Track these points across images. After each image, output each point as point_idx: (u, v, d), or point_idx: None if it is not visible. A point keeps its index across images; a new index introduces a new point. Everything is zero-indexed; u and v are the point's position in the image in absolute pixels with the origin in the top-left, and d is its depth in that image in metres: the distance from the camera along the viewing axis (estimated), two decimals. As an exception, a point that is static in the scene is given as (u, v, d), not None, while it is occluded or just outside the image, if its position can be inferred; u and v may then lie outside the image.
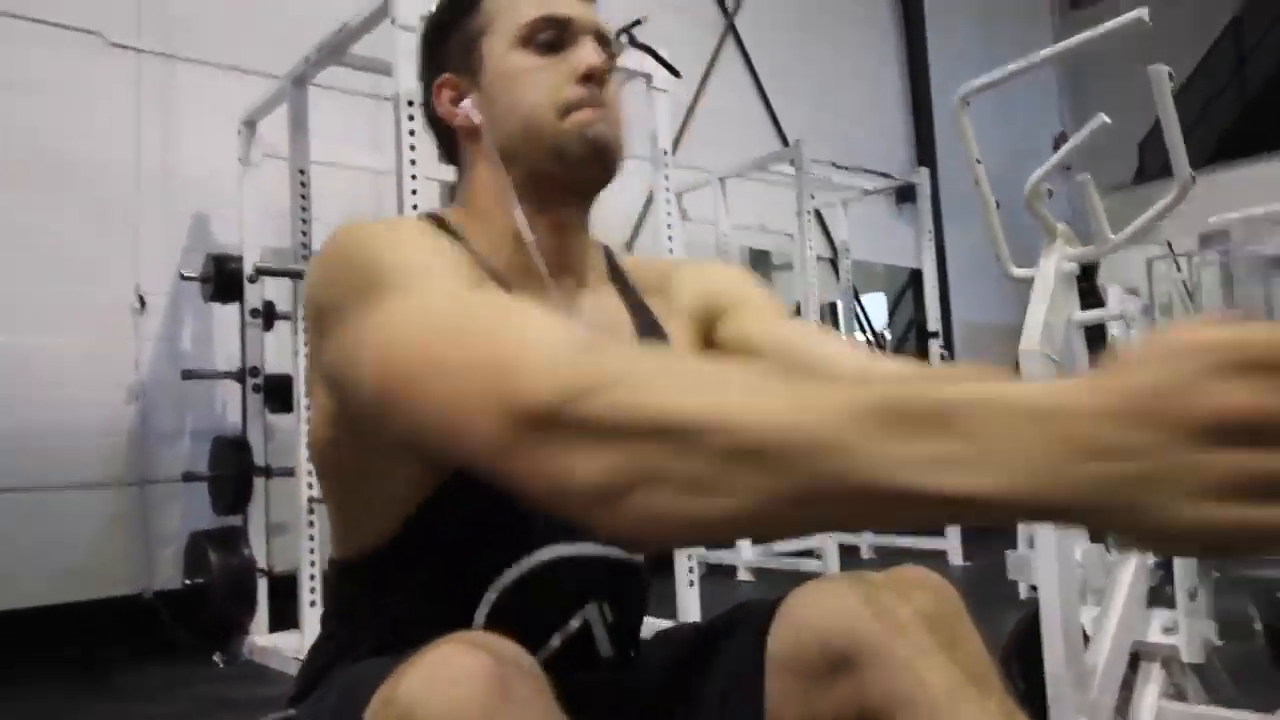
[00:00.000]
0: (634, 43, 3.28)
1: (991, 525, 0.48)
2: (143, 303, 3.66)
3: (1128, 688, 1.68)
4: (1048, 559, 1.50)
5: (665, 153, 3.49)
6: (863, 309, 6.95)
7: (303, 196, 3.30)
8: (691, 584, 3.31)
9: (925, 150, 7.29)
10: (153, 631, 3.32)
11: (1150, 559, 1.69)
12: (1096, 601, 1.70)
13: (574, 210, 0.92)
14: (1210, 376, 0.39)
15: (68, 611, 3.21)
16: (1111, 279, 9.61)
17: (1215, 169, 7.42)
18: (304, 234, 3.37)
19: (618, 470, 0.50)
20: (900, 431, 0.44)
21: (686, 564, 3.31)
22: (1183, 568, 1.65)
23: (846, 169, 5.61)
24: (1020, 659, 1.50)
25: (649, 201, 5.41)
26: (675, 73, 3.45)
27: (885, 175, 5.51)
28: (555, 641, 0.84)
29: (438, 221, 0.90)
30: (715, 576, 4.95)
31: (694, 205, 5.43)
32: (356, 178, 3.97)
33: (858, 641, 0.77)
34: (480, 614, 0.81)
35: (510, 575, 0.81)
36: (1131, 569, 1.65)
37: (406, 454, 0.76)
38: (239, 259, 3.58)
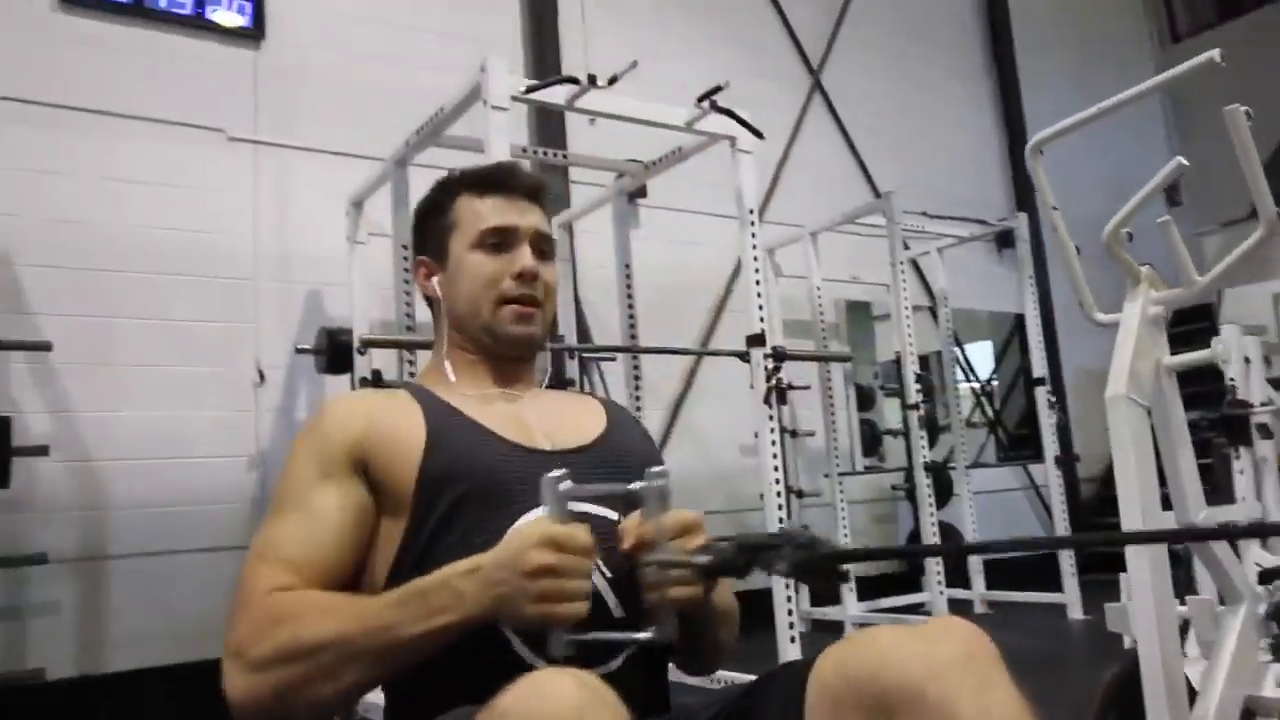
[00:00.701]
0: (716, 108, 3.36)
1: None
2: (262, 377, 3.89)
3: (1246, 746, 1.60)
4: (1145, 610, 1.46)
5: (751, 212, 3.55)
6: (965, 357, 6.80)
7: (406, 270, 3.47)
8: (793, 640, 3.27)
9: (1024, 194, 7.15)
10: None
11: (1261, 609, 1.62)
12: (1209, 655, 1.64)
13: (512, 364, 1.23)
14: (533, 546, 0.88)
15: (192, 670, 3.37)
16: (1236, 317, 9.16)
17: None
18: (407, 305, 3.54)
19: (279, 684, 0.92)
20: (415, 605, 0.92)
21: (787, 619, 3.28)
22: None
23: (939, 218, 5.55)
24: (1119, 712, 1.45)
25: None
26: (758, 134, 3.55)
27: (981, 222, 5.43)
28: None
29: (415, 386, 1.20)
30: (820, 632, 4.87)
31: (787, 260, 5.47)
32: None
33: (893, 687, 0.79)
34: None
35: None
36: (1241, 620, 1.59)
37: (388, 517, 1.07)
38: (349, 332, 3.76)
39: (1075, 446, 7.13)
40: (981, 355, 7.50)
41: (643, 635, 0.96)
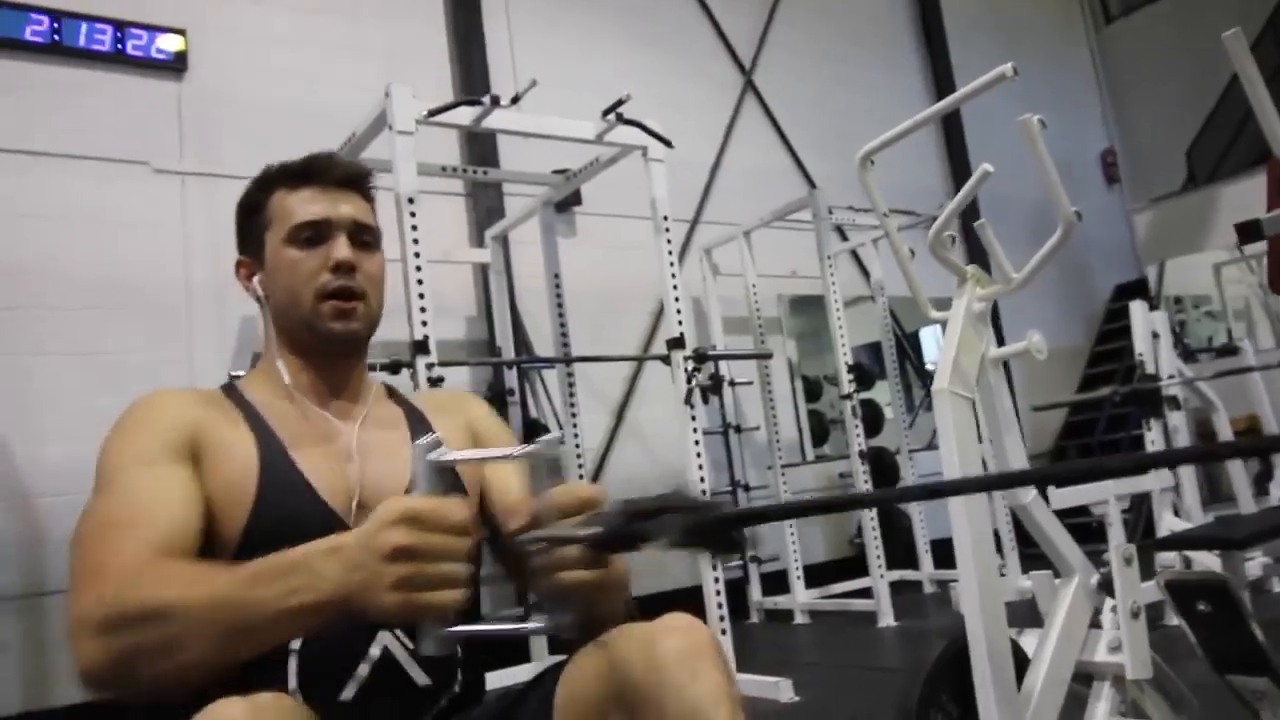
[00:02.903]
0: (622, 120, 3.45)
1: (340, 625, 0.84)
2: (196, 404, 3.95)
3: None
4: (969, 584, 1.56)
5: (665, 218, 3.64)
6: (908, 345, 6.93)
7: (330, 293, 3.54)
8: (724, 632, 3.36)
9: (960, 182, 7.29)
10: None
11: (1094, 581, 1.72)
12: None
13: (339, 362, 1.19)
14: (389, 525, 0.78)
15: (140, 697, 3.44)
16: (1180, 288, 9.25)
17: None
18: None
19: (119, 651, 0.83)
20: (272, 582, 0.81)
21: (717, 612, 3.37)
22: (1123, 589, 1.68)
23: (868, 211, 5.65)
24: (949, 683, 1.55)
25: (682, 252, 5.58)
26: (667, 143, 3.64)
27: (910, 213, 5.54)
28: (364, 670, 0.99)
29: (226, 386, 1.18)
30: (774, 621, 4.98)
31: (725, 259, 5.57)
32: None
33: (621, 684, 0.89)
34: (291, 660, 0.98)
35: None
36: (1071, 592, 1.69)
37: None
38: (282, 355, 3.83)
39: (1025, 425, 7.28)
40: (935, 340, 7.63)
41: (532, 625, 0.85)
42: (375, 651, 1.00)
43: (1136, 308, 3.96)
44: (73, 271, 3.85)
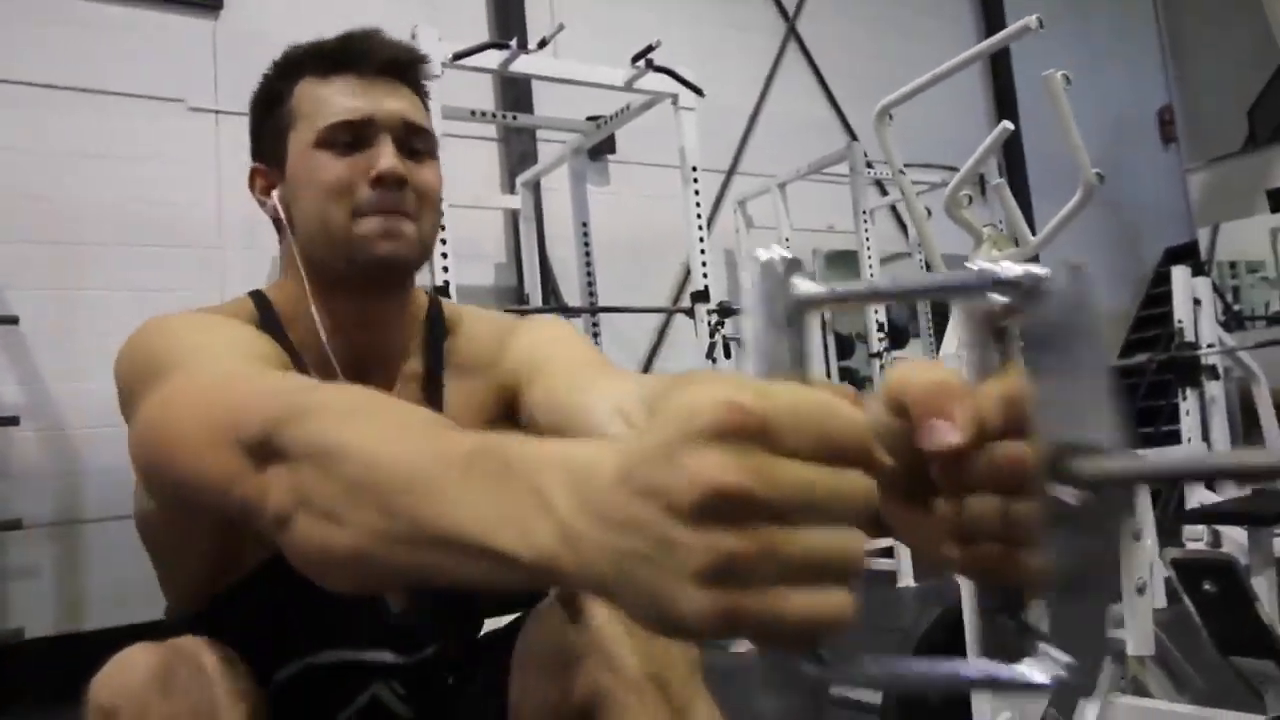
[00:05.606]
0: (652, 66, 3.40)
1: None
2: (226, 342, 4.01)
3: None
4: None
5: (694, 169, 3.59)
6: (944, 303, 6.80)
7: (357, 236, 3.55)
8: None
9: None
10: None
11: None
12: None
13: (378, 303, 0.95)
14: (695, 443, 0.33)
15: (167, 626, 3.54)
16: (1234, 253, 9.01)
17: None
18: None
19: (287, 493, 0.53)
20: (477, 483, 0.42)
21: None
22: (1129, 562, 1.64)
23: (916, 165, 5.52)
24: (940, 651, 1.53)
25: (716, 203, 5.51)
26: (698, 91, 3.58)
27: (951, 168, 5.39)
28: (343, 717, 0.92)
29: (261, 303, 0.96)
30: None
31: (759, 211, 5.49)
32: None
33: (579, 638, 0.88)
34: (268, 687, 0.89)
35: (291, 669, 0.91)
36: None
37: (213, 535, 0.86)
38: (310, 296, 3.86)
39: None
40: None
41: (1041, 677, 0.38)
42: (363, 699, 0.93)
43: (1178, 272, 3.85)
44: (110, 208, 3.89)
